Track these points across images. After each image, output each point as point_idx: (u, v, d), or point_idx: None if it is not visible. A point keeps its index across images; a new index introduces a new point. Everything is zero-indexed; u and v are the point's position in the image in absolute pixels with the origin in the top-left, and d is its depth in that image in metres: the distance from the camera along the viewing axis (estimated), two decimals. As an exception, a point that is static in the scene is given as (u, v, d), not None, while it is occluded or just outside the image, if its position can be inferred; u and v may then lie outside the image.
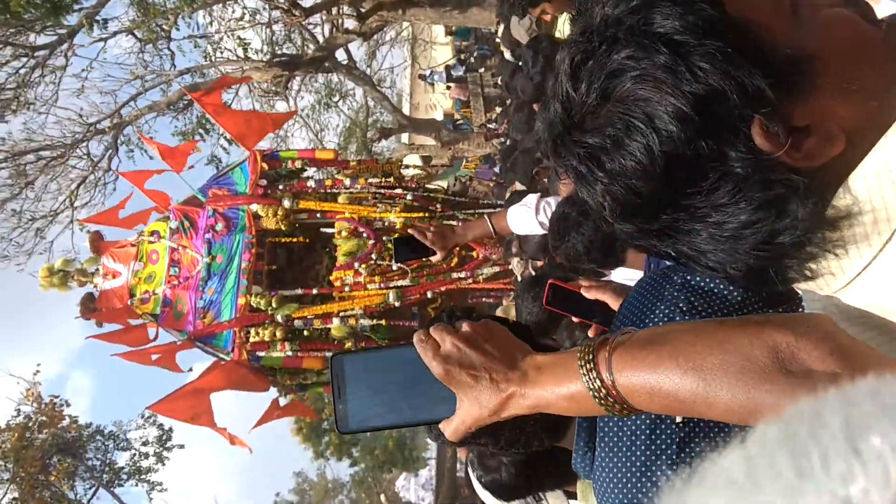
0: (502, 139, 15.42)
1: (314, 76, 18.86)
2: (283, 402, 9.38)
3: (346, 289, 8.40)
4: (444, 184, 11.62)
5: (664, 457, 1.20)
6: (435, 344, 1.04)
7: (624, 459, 1.25)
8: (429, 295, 8.46)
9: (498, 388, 1.00)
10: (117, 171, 14.51)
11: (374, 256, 8.43)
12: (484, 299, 8.78)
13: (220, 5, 15.26)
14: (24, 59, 14.15)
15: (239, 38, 14.07)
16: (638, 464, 1.23)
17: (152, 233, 8.99)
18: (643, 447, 1.22)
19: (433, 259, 2.81)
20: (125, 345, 8.60)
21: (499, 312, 5.89)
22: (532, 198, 3.19)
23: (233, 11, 15.66)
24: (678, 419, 1.15)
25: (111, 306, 8.97)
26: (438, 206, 8.91)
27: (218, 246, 8.61)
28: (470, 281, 8.57)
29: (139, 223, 9.31)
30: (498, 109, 16.32)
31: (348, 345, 8.30)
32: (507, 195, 7.52)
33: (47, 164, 14.82)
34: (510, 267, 8.02)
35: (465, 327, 1.06)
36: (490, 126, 16.32)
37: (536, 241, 3.97)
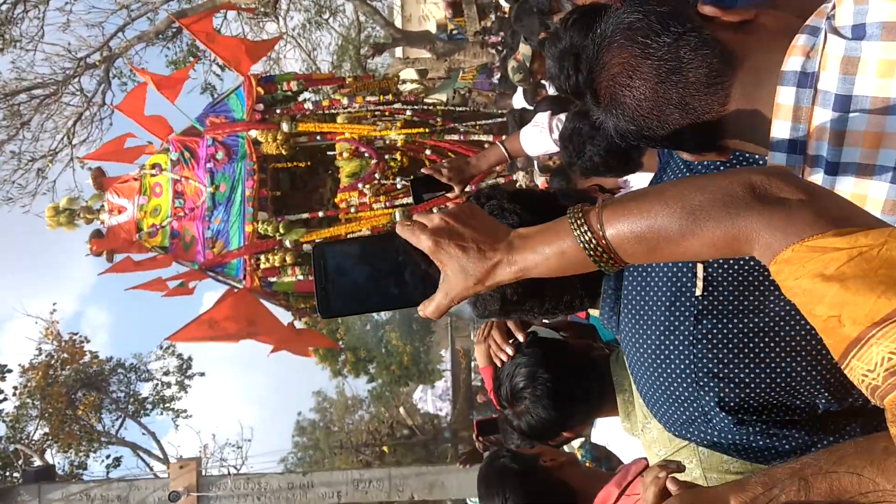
0: (498, 47, 15.13)
1: (302, -6, 18.42)
2: (297, 325, 9.52)
3: (352, 210, 8.39)
4: (442, 97, 11.46)
5: (682, 327, 1.28)
6: (421, 224, 1.11)
7: (645, 327, 1.33)
8: (434, 210, 8.44)
9: (485, 256, 1.08)
10: (112, 105, 14.34)
11: (377, 175, 8.38)
12: (489, 212, 8.77)
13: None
14: (5, -5, 13.83)
15: (223, -42, 13.64)
16: (658, 332, 1.30)
17: (153, 166, 8.93)
18: (662, 317, 1.29)
19: (450, 195, 2.78)
20: (142, 270, 8.69)
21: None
22: (543, 117, 3.14)
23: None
24: (698, 292, 1.23)
25: (120, 241, 9.00)
26: (439, 119, 8.79)
27: (220, 175, 8.58)
28: (475, 194, 8.54)
29: (141, 155, 9.25)
30: (492, 17, 15.95)
31: (359, 266, 8.34)
32: (520, 105, 7.43)
33: (41, 102, 14.65)
34: (514, 178, 8.00)
35: (451, 206, 1.16)
36: (486, 34, 15.97)
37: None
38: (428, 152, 8.58)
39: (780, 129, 1.10)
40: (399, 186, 8.40)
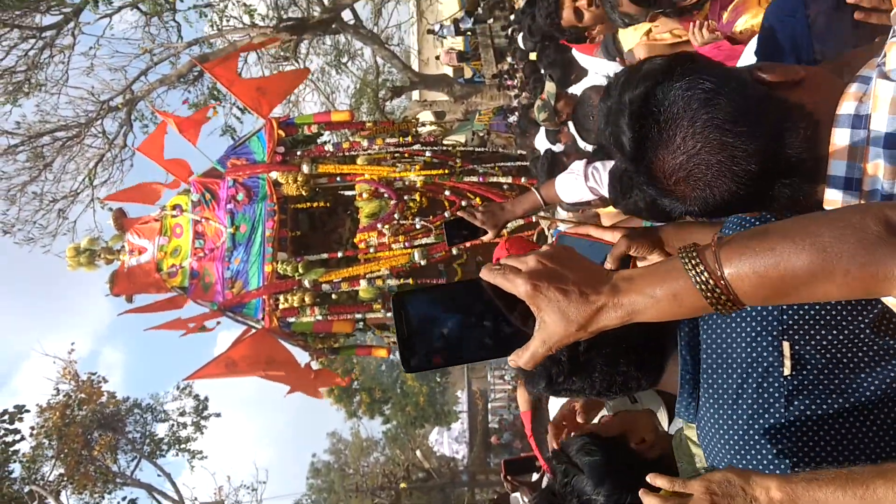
0: (515, 90, 15.26)
1: (322, 39, 18.70)
2: (314, 365, 9.48)
3: (371, 250, 8.41)
4: (460, 138, 11.54)
5: (772, 409, 1.20)
6: (514, 267, 1.06)
7: (731, 412, 1.24)
8: (454, 251, 8.45)
9: (588, 300, 1.02)
10: (133, 147, 14.53)
11: (396, 216, 8.41)
12: (509, 253, 8.76)
13: (223, -28, 15.11)
14: (32, 41, 14.13)
15: (244, 4, 13.92)
16: (745, 417, 1.22)
17: (174, 207, 9.02)
18: (750, 400, 1.21)
19: (484, 239, 2.77)
20: (159, 311, 8.73)
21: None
22: (579, 164, 3.14)
23: (236, -22, 15.50)
24: (787, 371, 1.16)
25: (140, 282, 9.05)
26: (458, 161, 8.84)
27: (240, 215, 8.64)
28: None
29: (160, 196, 9.34)
30: (509, 59, 16.10)
31: (377, 306, 8.34)
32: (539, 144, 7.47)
33: (63, 144, 14.88)
34: (534, 220, 7.99)
35: (544, 248, 1.11)
36: (503, 77, 16.11)
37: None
38: (447, 193, 8.61)
39: (837, 167, 1.10)
40: (418, 227, 8.42)
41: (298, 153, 8.74)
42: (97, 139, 15.28)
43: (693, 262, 0.99)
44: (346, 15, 16.62)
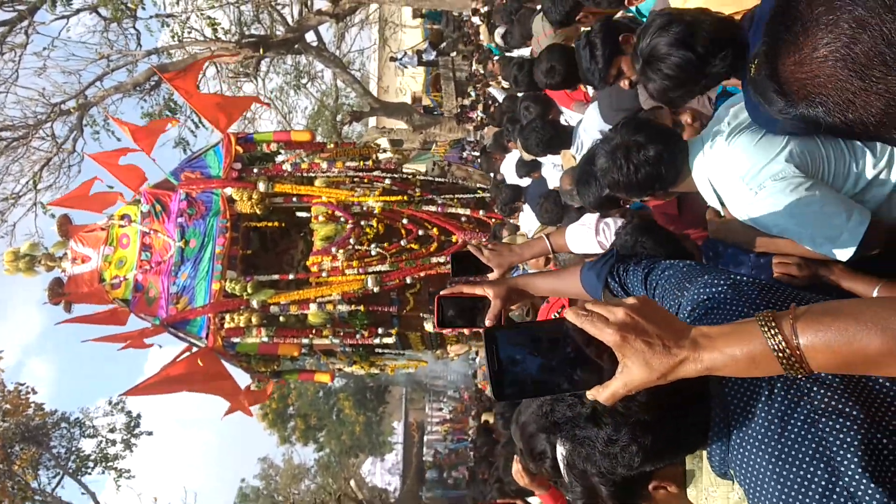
0: (475, 124, 15.35)
1: (283, 57, 18.60)
2: (253, 387, 9.25)
3: (324, 274, 8.28)
4: (421, 167, 11.52)
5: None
6: (603, 317, 1.15)
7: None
8: (408, 280, 8.38)
9: (670, 352, 1.13)
10: (84, 153, 14.16)
11: (352, 241, 8.31)
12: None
13: (188, -17, 14.94)
14: (-18, 37, 13.72)
15: (208, 17, 13.76)
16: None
17: (123, 216, 8.78)
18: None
19: (489, 276, 2.76)
20: (99, 324, 8.43)
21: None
22: (591, 218, 3.26)
23: (201, -10, 15.34)
24: None
25: (80, 291, 8.75)
26: (417, 189, 8.81)
27: (191, 230, 8.43)
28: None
29: (109, 205, 9.08)
30: (472, 93, 16.21)
31: (325, 332, 8.19)
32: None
33: (8, 145, 14.41)
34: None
35: (630, 301, 1.19)
36: (464, 110, 16.22)
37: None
38: (405, 221, 8.56)
39: None
40: (373, 253, 8.32)
41: (255, 170, 8.60)
42: (45, 142, 14.84)
43: (772, 330, 1.09)
44: (310, 36, 16.56)
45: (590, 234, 3.23)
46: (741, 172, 2.23)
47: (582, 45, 3.25)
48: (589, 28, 3.49)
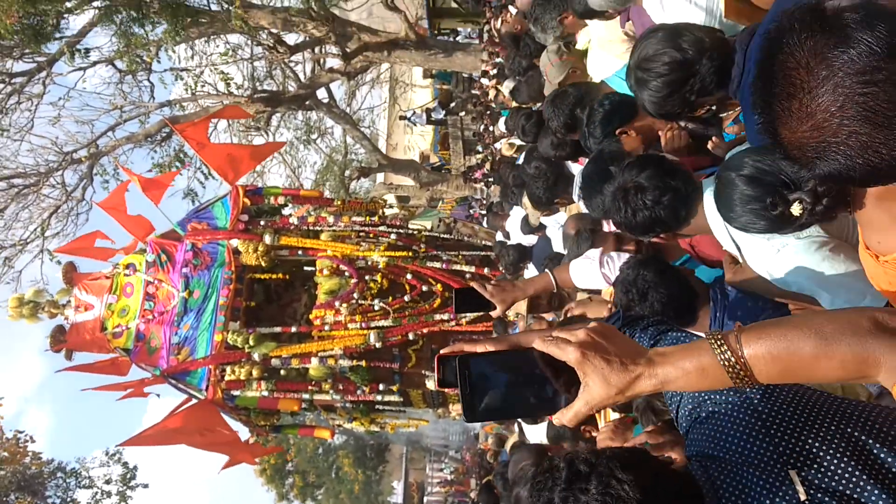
0: (482, 183, 15.45)
1: (294, 113, 18.86)
2: (251, 441, 9.14)
3: (326, 328, 8.24)
4: (427, 224, 11.57)
5: None
6: (565, 339, 1.24)
7: None
8: (410, 336, 8.33)
9: (627, 369, 1.21)
10: (93, 201, 14.28)
11: (355, 295, 8.29)
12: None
13: (204, 40, 15.22)
14: (1, 86, 13.95)
15: (221, 72, 13.99)
16: None
17: (128, 265, 8.78)
18: None
19: (493, 314, 2.76)
20: (100, 374, 8.38)
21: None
22: (594, 252, 3.21)
23: (216, 46, 15.63)
24: (802, 496, 1.21)
25: (82, 339, 8.71)
26: (422, 245, 8.82)
27: (195, 281, 8.42)
28: (452, 323, 8.46)
29: (114, 255, 9.10)
30: (479, 155, 16.35)
31: (326, 386, 8.12)
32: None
33: (19, 192, 14.56)
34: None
35: (592, 325, 1.28)
36: (471, 170, 16.33)
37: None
38: (409, 277, 8.54)
39: None
40: (377, 308, 8.29)
41: (262, 223, 8.63)
42: (55, 190, 14.99)
43: (719, 342, 1.19)
44: (321, 93, 16.82)
45: (594, 267, 3.20)
46: None
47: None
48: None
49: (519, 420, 6.64)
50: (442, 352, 1.98)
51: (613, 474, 1.24)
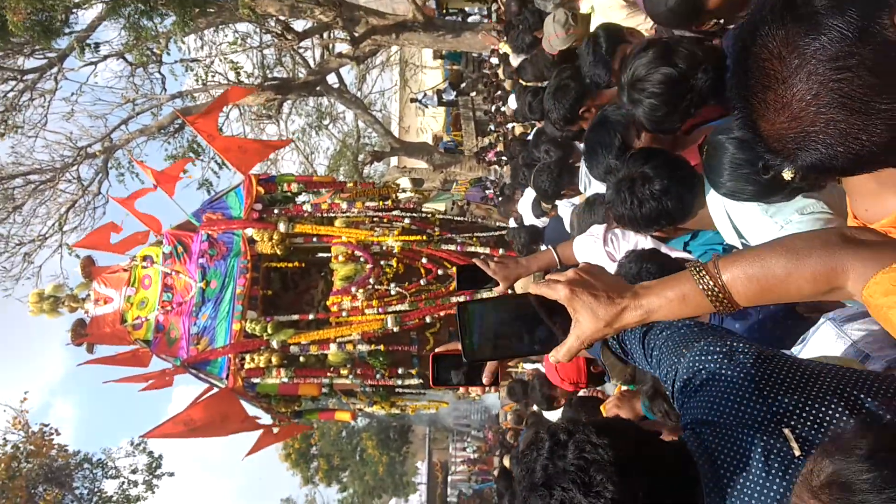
0: (494, 161, 15.40)
1: (305, 100, 18.85)
2: (275, 430, 9.21)
3: (343, 314, 8.27)
4: (440, 206, 11.57)
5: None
6: (555, 279, 1.34)
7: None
8: (427, 319, 8.35)
9: (613, 302, 1.30)
10: (108, 195, 14.37)
11: (371, 281, 8.31)
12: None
13: (212, 30, 15.22)
14: (13, 83, 14.03)
15: (231, 61, 14.00)
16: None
17: (145, 258, 8.84)
18: (776, 486, 1.24)
19: (495, 290, 2.74)
20: (121, 366, 8.47)
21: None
22: (598, 228, 3.16)
23: (225, 35, 15.63)
24: (797, 452, 1.22)
25: (102, 332, 8.80)
26: (436, 229, 8.82)
27: (212, 271, 8.48)
28: (469, 305, 8.46)
29: (132, 247, 9.16)
30: (492, 135, 16.29)
31: (345, 372, 8.17)
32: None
33: (36, 188, 14.68)
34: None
35: (581, 265, 1.39)
36: (484, 151, 16.28)
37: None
38: (424, 261, 8.55)
39: None
40: (393, 293, 8.32)
41: (276, 211, 8.66)
42: (71, 185, 15.11)
43: (698, 270, 1.27)
44: (332, 78, 16.78)
45: (598, 245, 3.14)
46: (766, 205, 2.19)
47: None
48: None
49: (535, 406, 6.65)
50: (436, 350, 1.96)
51: (589, 439, 1.27)
